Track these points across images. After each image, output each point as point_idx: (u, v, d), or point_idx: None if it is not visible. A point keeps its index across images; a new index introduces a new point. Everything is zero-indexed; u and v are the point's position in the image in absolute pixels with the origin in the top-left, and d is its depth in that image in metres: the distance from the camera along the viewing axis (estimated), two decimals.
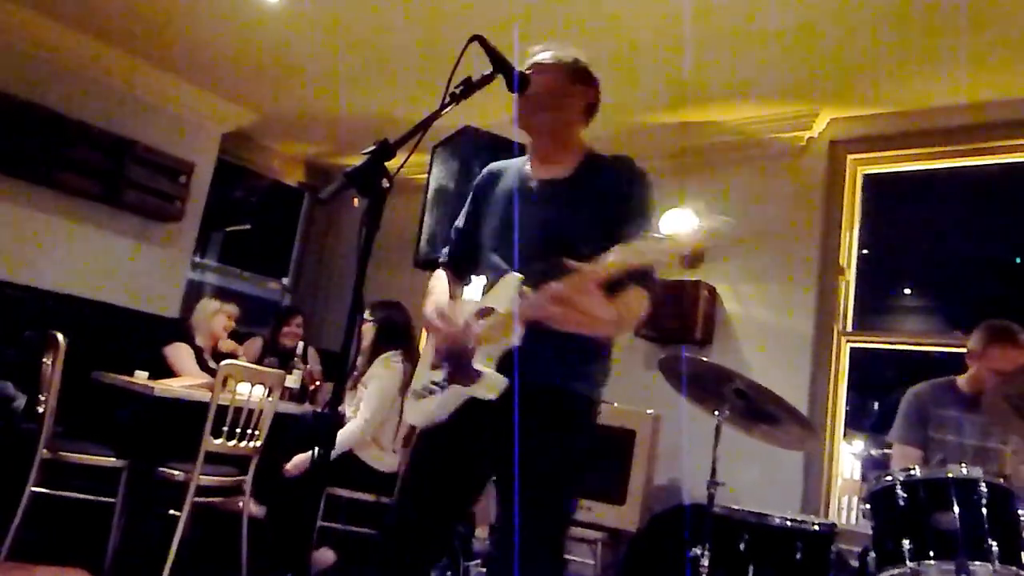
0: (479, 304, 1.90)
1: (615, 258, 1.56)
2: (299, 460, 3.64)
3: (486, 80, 1.81)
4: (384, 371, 3.79)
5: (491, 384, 1.75)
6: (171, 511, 3.38)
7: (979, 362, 3.05)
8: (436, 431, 1.92)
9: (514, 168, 2.09)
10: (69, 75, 4.94)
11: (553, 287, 1.58)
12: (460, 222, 2.19)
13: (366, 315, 3.94)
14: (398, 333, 3.95)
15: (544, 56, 2.00)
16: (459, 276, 2.16)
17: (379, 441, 3.80)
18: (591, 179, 1.95)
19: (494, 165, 2.16)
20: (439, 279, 2.12)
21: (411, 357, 3.81)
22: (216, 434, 3.43)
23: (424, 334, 2.22)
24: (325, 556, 3.74)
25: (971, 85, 3.86)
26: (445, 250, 2.22)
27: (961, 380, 3.16)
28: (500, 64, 1.82)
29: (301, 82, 5.12)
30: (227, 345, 4.65)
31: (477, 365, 1.79)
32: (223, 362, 3.54)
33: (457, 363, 1.85)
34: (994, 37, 3.45)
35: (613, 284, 1.64)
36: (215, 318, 4.47)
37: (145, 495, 3.57)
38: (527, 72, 1.91)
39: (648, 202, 1.93)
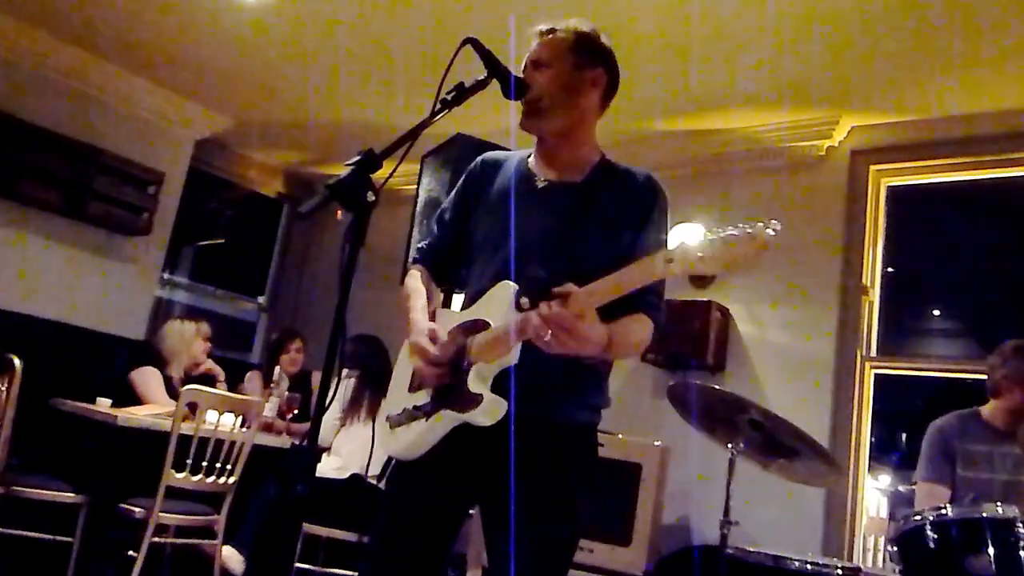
0: (468, 316, 1.84)
1: (616, 281, 1.53)
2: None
3: (480, 85, 1.81)
4: None
5: (491, 409, 1.68)
6: (132, 552, 3.36)
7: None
8: (416, 462, 1.85)
9: (515, 161, 2.02)
10: (29, 76, 4.94)
11: (549, 310, 1.54)
12: (446, 214, 2.08)
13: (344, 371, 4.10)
14: (378, 382, 4.03)
15: (541, 40, 1.94)
16: (437, 277, 2.06)
17: None
18: (606, 189, 1.91)
19: (490, 155, 2.08)
20: (416, 282, 2.00)
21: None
22: (186, 468, 3.41)
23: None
24: None
25: (1002, 91, 3.88)
26: (423, 244, 2.10)
27: (988, 411, 3.15)
28: (495, 68, 1.82)
29: (281, 86, 5.13)
30: (217, 372, 4.61)
31: (474, 387, 1.71)
32: (187, 387, 3.52)
33: (447, 384, 1.78)
34: None
35: (614, 308, 1.63)
36: (195, 342, 4.44)
37: (105, 534, 3.55)
38: (535, 45, 1.91)
39: (664, 226, 1.92)
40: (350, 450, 3.97)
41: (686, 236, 1.46)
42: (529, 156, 2.01)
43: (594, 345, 1.61)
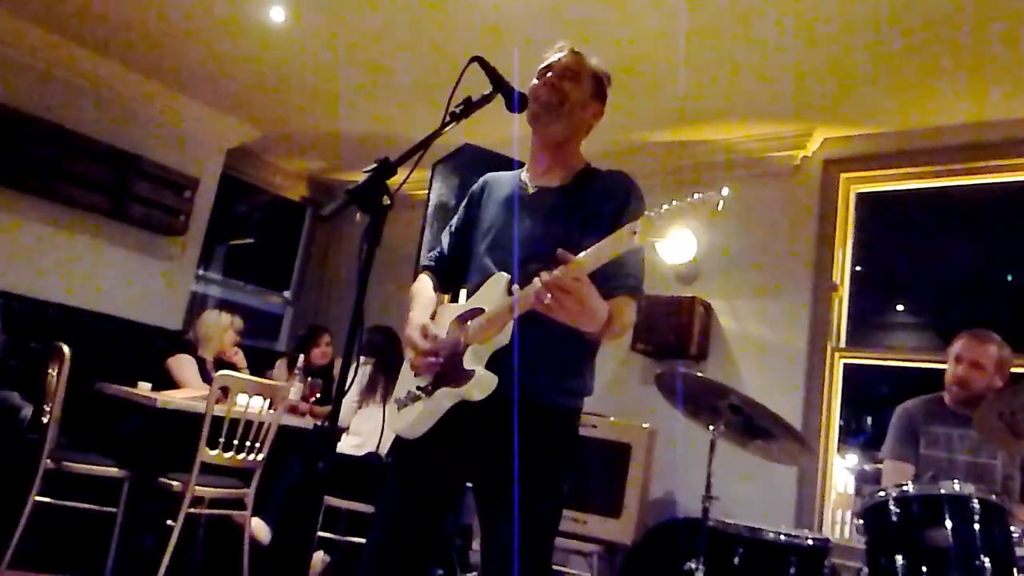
0: (466, 306, 1.86)
1: (603, 248, 1.54)
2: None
3: (485, 100, 1.82)
4: None
5: (483, 383, 1.69)
6: (169, 522, 3.37)
7: (952, 361, 3.08)
8: (415, 440, 1.84)
9: (511, 176, 2.07)
10: (76, 90, 4.96)
11: (549, 275, 1.54)
12: (452, 226, 2.14)
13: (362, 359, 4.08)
14: (391, 369, 4.03)
15: (572, 55, 2.02)
16: (444, 283, 2.09)
17: None
18: (585, 190, 1.93)
19: (491, 175, 2.13)
20: (422, 284, 2.05)
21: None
22: (218, 446, 3.41)
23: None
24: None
25: (965, 105, 3.88)
26: (433, 253, 2.15)
27: (949, 396, 3.15)
28: (499, 84, 1.83)
29: (304, 99, 5.14)
30: (239, 360, 4.62)
31: (468, 365, 1.72)
32: (219, 372, 3.53)
33: (446, 365, 1.79)
34: (989, 57, 3.46)
35: (602, 292, 1.63)
36: (227, 333, 4.47)
37: (145, 505, 3.56)
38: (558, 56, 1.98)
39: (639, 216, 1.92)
40: (368, 430, 3.98)
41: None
42: (522, 172, 2.05)
43: (594, 312, 1.59)
